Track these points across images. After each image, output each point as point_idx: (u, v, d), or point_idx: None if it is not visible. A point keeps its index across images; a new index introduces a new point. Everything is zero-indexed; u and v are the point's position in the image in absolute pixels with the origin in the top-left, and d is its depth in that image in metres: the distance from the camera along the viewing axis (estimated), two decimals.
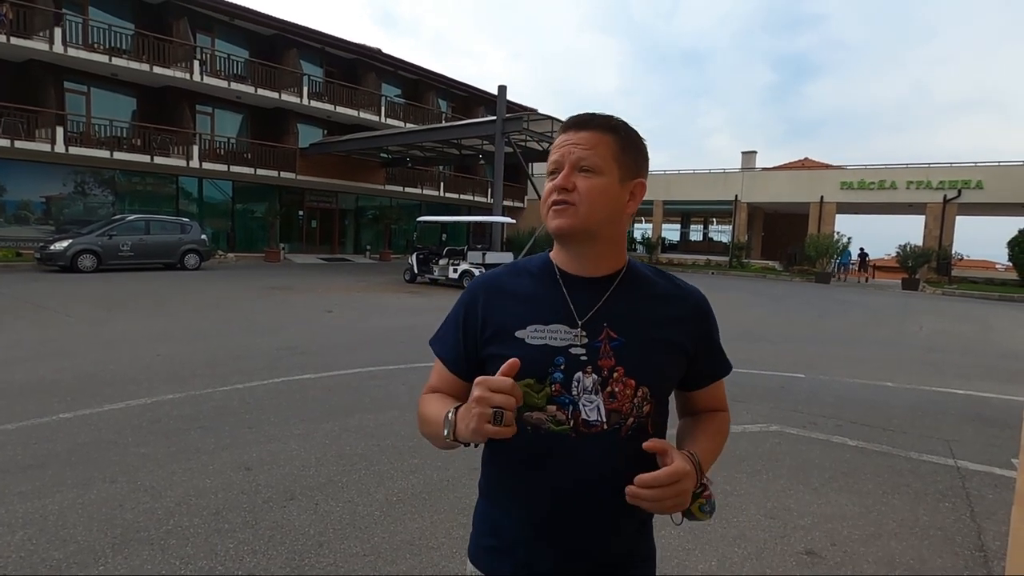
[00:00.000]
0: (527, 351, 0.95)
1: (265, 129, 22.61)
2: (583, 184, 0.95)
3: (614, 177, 0.97)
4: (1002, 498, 3.30)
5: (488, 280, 1.06)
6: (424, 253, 16.21)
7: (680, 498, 0.88)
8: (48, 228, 17.70)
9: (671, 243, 33.73)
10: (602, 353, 0.95)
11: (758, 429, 4.36)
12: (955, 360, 7.82)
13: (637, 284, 1.02)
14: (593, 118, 0.99)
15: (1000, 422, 4.80)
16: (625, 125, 1.00)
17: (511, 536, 1.00)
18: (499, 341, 0.98)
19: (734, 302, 13.84)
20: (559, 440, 0.94)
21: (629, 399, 0.95)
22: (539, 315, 0.98)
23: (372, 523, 2.77)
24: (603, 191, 0.95)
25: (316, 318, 8.99)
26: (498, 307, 1.01)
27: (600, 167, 0.95)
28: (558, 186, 0.96)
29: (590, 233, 0.97)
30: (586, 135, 0.97)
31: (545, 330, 0.96)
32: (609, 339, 0.96)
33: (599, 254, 1.00)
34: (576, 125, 0.98)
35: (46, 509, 2.73)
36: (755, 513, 3.03)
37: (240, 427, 3.95)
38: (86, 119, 18.47)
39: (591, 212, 0.95)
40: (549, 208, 0.97)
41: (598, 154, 0.96)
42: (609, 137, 0.97)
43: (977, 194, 23.10)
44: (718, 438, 1.06)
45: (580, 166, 0.95)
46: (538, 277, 1.03)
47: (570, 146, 0.96)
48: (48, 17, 16.46)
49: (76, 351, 6.00)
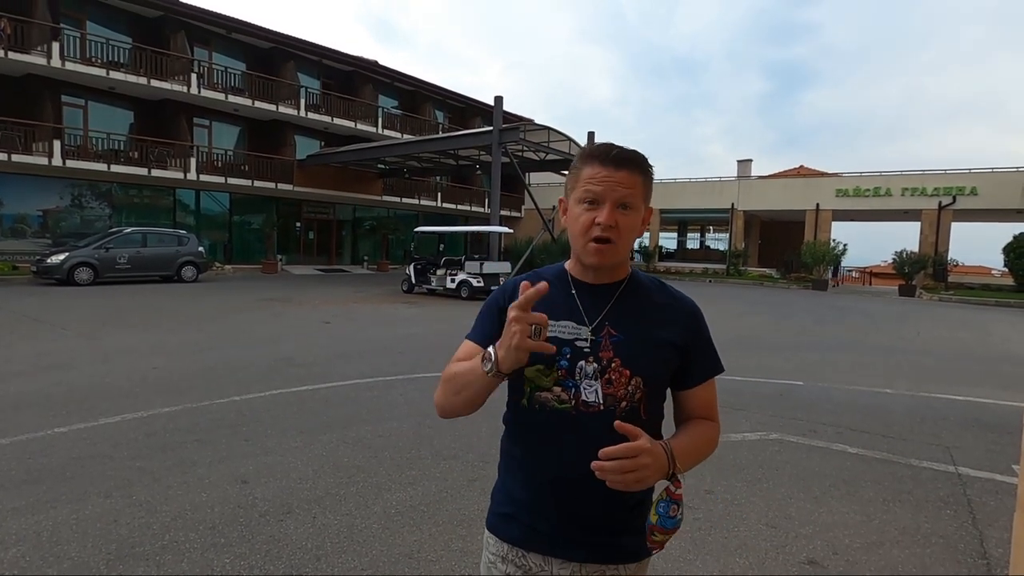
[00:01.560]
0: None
1: (262, 141, 22.67)
2: (623, 222, 1.07)
3: (641, 211, 1.11)
4: (1004, 504, 3.28)
5: (513, 282, 1.18)
6: (422, 263, 16.22)
7: (640, 473, 0.96)
8: (45, 241, 17.66)
9: (668, 251, 33.79)
10: (603, 346, 1.09)
11: (758, 437, 4.34)
12: (953, 366, 7.82)
13: (638, 291, 1.15)
14: (631, 158, 1.09)
15: (1000, 428, 4.79)
16: (647, 161, 1.12)
17: (520, 502, 1.14)
18: None
19: (732, 310, 13.84)
20: (562, 417, 1.08)
21: (624, 386, 1.08)
22: (553, 314, 1.09)
23: (370, 536, 2.74)
24: (635, 227, 1.10)
25: (314, 329, 8.96)
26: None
27: (635, 205, 1.09)
28: (604, 224, 1.06)
29: (620, 262, 1.13)
30: (626, 175, 1.07)
31: (556, 325, 1.09)
32: (610, 335, 1.10)
33: (613, 270, 1.14)
34: (616, 163, 1.07)
35: (40, 525, 2.70)
36: (756, 522, 3.01)
37: (237, 440, 3.92)
38: (83, 132, 18.50)
39: (627, 247, 1.12)
40: (589, 241, 1.08)
41: (636, 194, 1.08)
42: (641, 177, 1.10)
43: (972, 200, 23.22)
44: (700, 441, 1.15)
45: (621, 203, 1.07)
46: (554, 283, 1.13)
47: (613, 184, 1.06)
48: (46, 32, 16.53)
49: (72, 364, 5.97)
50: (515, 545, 1.14)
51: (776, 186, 28.58)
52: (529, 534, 1.13)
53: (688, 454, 1.09)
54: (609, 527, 1.11)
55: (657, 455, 0.99)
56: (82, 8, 18.40)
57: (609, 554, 1.11)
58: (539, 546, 1.12)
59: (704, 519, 3.02)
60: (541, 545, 1.12)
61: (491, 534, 1.19)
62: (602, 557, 1.11)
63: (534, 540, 1.12)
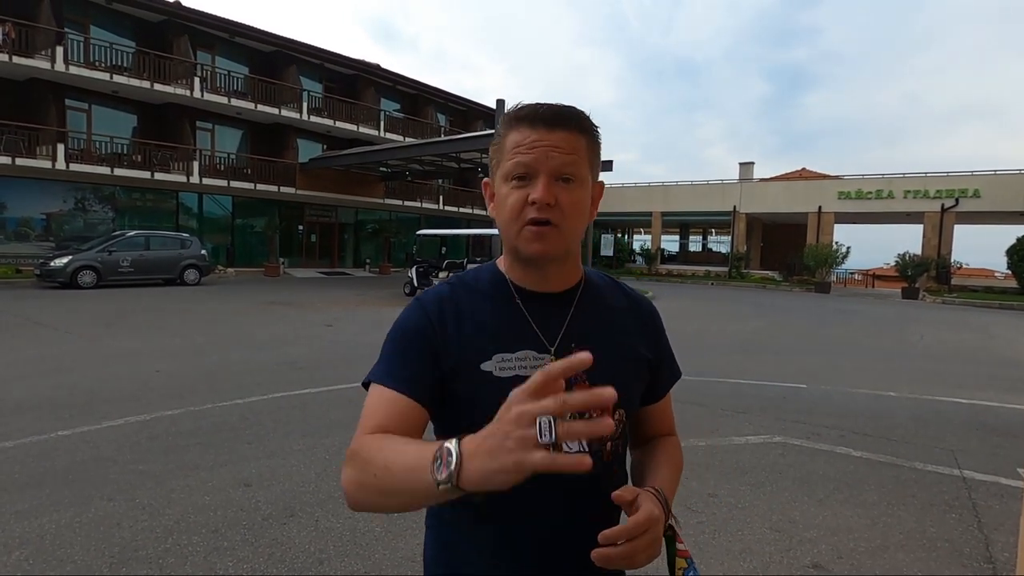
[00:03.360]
0: (497, 386, 0.80)
1: (265, 144, 22.73)
2: (565, 198, 0.81)
3: (587, 185, 0.85)
4: (1009, 508, 3.26)
5: (441, 297, 0.89)
6: (424, 266, 16.23)
7: (654, 547, 0.77)
8: (48, 245, 17.70)
9: (670, 254, 33.78)
10: (575, 378, 0.82)
11: (761, 440, 4.33)
12: (957, 369, 7.79)
13: (596, 297, 0.93)
14: (567, 114, 0.83)
15: (1004, 431, 4.77)
16: (590, 120, 0.86)
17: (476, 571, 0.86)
18: (463, 377, 0.84)
19: (735, 313, 13.82)
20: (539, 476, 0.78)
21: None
22: (503, 343, 0.85)
23: (373, 539, 2.73)
24: (583, 204, 0.85)
25: (316, 333, 8.96)
26: (456, 331, 0.86)
27: (579, 175, 0.83)
28: (540, 200, 0.80)
29: (569, 253, 0.87)
30: (564, 136, 0.81)
31: (513, 359, 0.84)
32: None
33: (564, 270, 0.90)
34: (548, 122, 0.81)
35: (43, 528, 2.70)
36: (760, 526, 2.99)
37: (239, 443, 3.92)
38: (87, 136, 18.57)
39: (574, 231, 0.84)
40: (524, 226, 0.82)
41: (578, 160, 0.83)
42: (584, 139, 0.84)
43: (975, 203, 23.17)
44: (676, 470, 0.96)
45: (561, 175, 0.81)
46: (492, 296, 0.89)
47: (546, 148, 0.80)
48: (50, 36, 16.62)
49: (75, 368, 5.98)
50: None
51: (778, 189, 28.56)
52: None
53: (673, 493, 0.91)
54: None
55: (661, 517, 0.79)
56: (86, 13, 18.49)
57: None
58: None
59: (708, 523, 3.00)
60: None
61: None
62: None
63: None
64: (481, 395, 0.82)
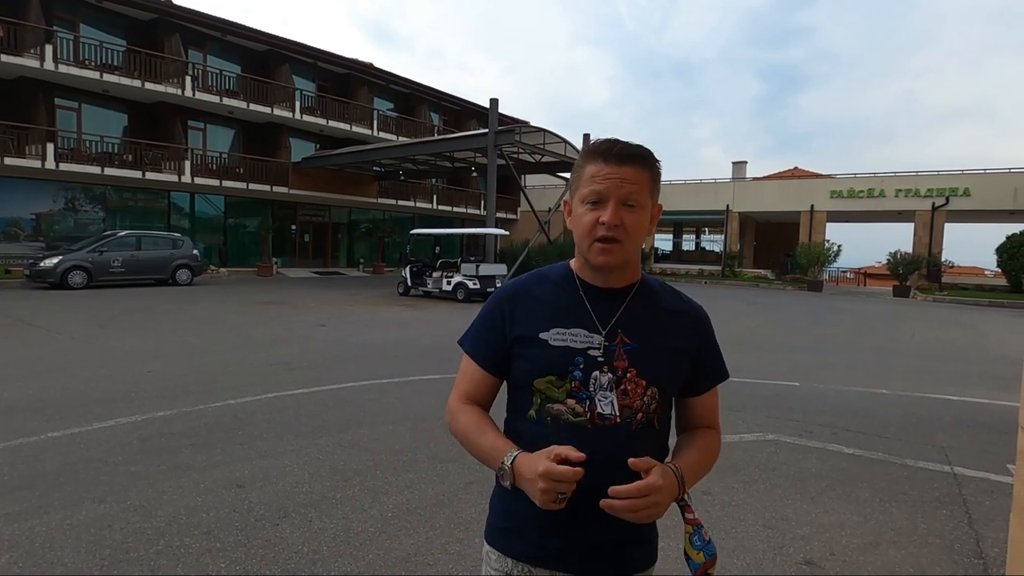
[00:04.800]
0: (549, 351, 1.06)
1: (257, 144, 22.62)
2: (629, 220, 1.02)
3: (648, 209, 1.06)
4: (999, 504, 3.29)
5: (517, 285, 1.15)
6: (418, 266, 16.19)
7: (652, 510, 0.96)
8: (38, 245, 17.57)
9: (664, 253, 33.86)
10: (617, 356, 1.05)
11: (754, 438, 4.35)
12: (948, 366, 7.85)
13: (649, 296, 1.12)
14: (634, 153, 1.03)
15: (995, 428, 4.81)
16: (654, 156, 1.07)
17: (525, 516, 1.07)
18: (524, 341, 1.08)
19: (728, 312, 13.87)
20: (576, 430, 1.04)
21: (640, 397, 1.05)
22: (562, 320, 1.07)
23: (367, 540, 2.72)
24: (643, 224, 1.05)
25: (309, 332, 8.93)
26: (525, 310, 1.10)
27: (641, 202, 1.03)
28: (609, 223, 1.01)
29: (628, 263, 1.08)
30: (630, 171, 1.02)
31: (567, 333, 1.06)
32: (623, 344, 1.06)
33: (624, 273, 1.10)
34: (619, 158, 1.02)
35: (33, 531, 2.67)
36: (753, 523, 3.01)
37: (232, 444, 3.90)
38: (77, 135, 18.42)
39: (634, 246, 1.06)
40: (594, 241, 1.04)
41: (641, 190, 1.03)
42: (648, 173, 1.04)
43: (965, 201, 23.37)
44: (706, 454, 1.13)
45: (627, 201, 1.02)
46: (561, 286, 1.11)
47: (617, 181, 1.01)
48: (39, 34, 16.47)
49: (66, 369, 5.93)
50: (520, 560, 1.09)
51: (771, 188, 28.69)
52: (536, 550, 1.08)
53: (696, 472, 1.08)
54: (619, 539, 1.08)
55: (668, 484, 0.98)
56: (75, 11, 18.33)
57: (619, 566, 1.09)
58: (547, 562, 1.08)
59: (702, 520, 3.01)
60: (549, 561, 1.07)
61: (492, 548, 1.13)
62: (612, 570, 1.08)
63: (541, 556, 1.08)
64: (536, 355, 1.07)
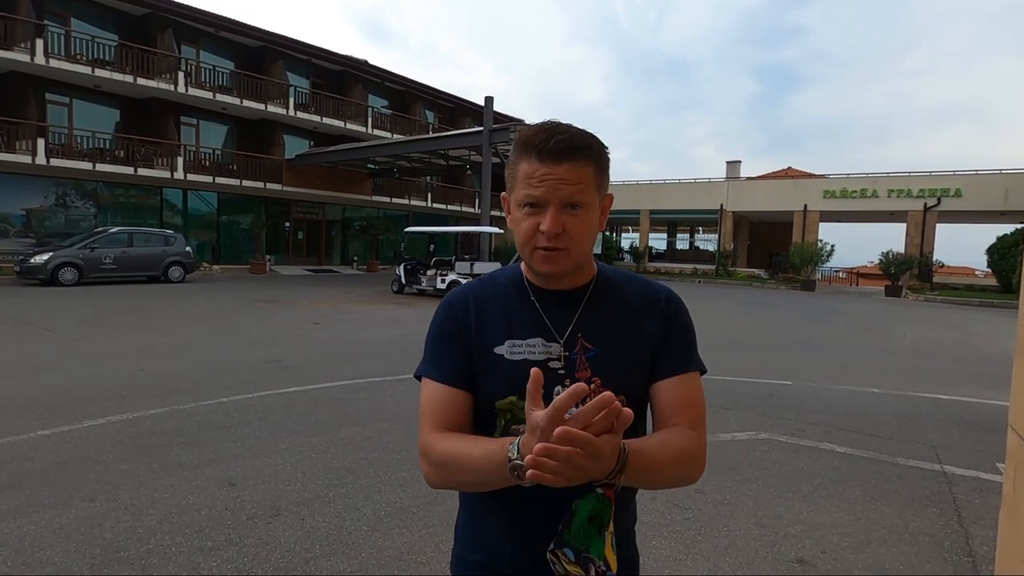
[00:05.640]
0: (507, 368, 0.94)
1: (251, 140, 22.50)
2: (573, 224, 0.90)
3: (595, 205, 0.94)
4: (989, 502, 3.32)
5: (465, 293, 1.03)
6: (412, 264, 16.18)
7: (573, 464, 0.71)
8: (29, 241, 17.42)
9: (658, 252, 33.95)
10: (579, 365, 0.94)
11: (747, 437, 4.37)
12: (939, 366, 7.91)
13: (608, 292, 1.01)
14: (575, 146, 0.89)
15: (985, 427, 4.85)
16: (599, 143, 0.93)
17: (495, 547, 0.99)
18: (479, 358, 0.96)
19: (721, 311, 13.92)
20: None
21: None
22: (515, 330, 0.96)
23: (360, 538, 2.72)
24: (590, 225, 0.93)
25: (302, 330, 8.90)
26: (476, 321, 0.98)
27: (586, 201, 0.91)
28: (549, 232, 0.89)
29: (578, 266, 0.96)
30: (570, 169, 0.89)
31: (523, 344, 0.95)
32: (584, 350, 0.95)
33: (576, 274, 0.98)
34: (555, 155, 0.88)
35: (22, 530, 2.65)
36: (746, 522, 3.02)
37: (224, 442, 3.88)
38: (68, 131, 18.28)
39: (582, 249, 0.93)
40: (535, 249, 0.92)
41: (585, 189, 0.90)
42: (592, 168, 0.91)
43: (956, 202, 23.55)
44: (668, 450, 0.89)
45: (569, 203, 0.90)
46: (511, 292, 1.00)
47: (554, 182, 0.88)
48: (30, 28, 16.31)
49: (56, 366, 5.88)
50: None
51: (765, 187, 28.82)
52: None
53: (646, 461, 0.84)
54: None
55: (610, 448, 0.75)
56: (67, 5, 18.17)
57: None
58: None
59: (694, 519, 3.03)
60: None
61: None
62: None
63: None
64: (492, 372, 0.95)
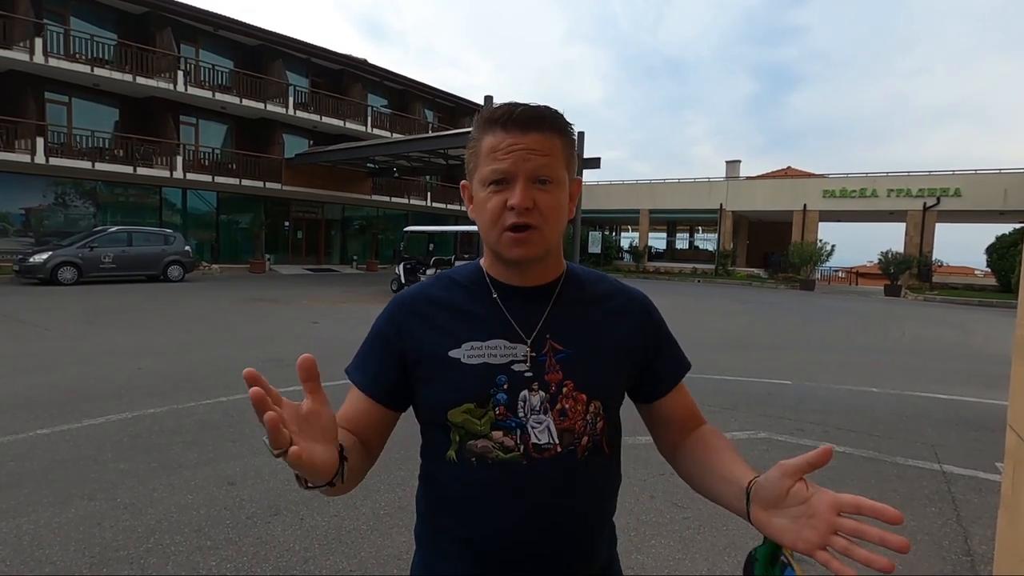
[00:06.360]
0: (464, 373, 0.84)
1: (250, 139, 22.49)
2: (544, 201, 0.81)
3: (565, 185, 0.85)
4: (987, 502, 3.32)
5: (414, 294, 0.92)
6: (411, 263, 16.18)
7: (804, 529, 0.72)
8: (28, 240, 17.41)
9: (657, 251, 33.95)
10: (548, 367, 0.85)
11: (746, 436, 4.37)
12: (938, 365, 7.91)
13: (578, 289, 0.92)
14: (541, 115, 0.82)
15: (983, 426, 4.85)
16: (564, 119, 0.86)
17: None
18: (430, 363, 0.87)
19: (720, 310, 13.93)
20: (508, 469, 0.82)
21: (581, 416, 0.85)
22: (475, 332, 0.86)
23: (359, 537, 2.72)
24: (561, 204, 0.84)
25: (302, 330, 8.90)
26: (427, 324, 0.88)
27: (556, 177, 0.83)
28: (519, 206, 0.80)
29: (549, 252, 0.87)
30: (538, 139, 0.81)
31: (483, 347, 0.85)
32: (554, 351, 0.86)
33: (545, 267, 0.89)
34: (521, 124, 0.81)
35: (21, 529, 2.65)
36: (744, 521, 3.01)
37: (224, 441, 3.88)
38: (67, 130, 18.26)
39: (554, 232, 0.84)
40: (503, 231, 0.82)
41: (554, 162, 0.82)
42: (560, 140, 0.84)
43: (955, 201, 23.56)
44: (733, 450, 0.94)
45: (538, 177, 0.81)
46: (470, 290, 0.90)
47: (522, 152, 0.80)
48: (29, 27, 16.29)
49: (55, 366, 5.88)
50: None
51: (764, 187, 28.82)
52: None
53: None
54: None
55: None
56: (66, 4, 18.15)
57: None
58: None
59: (693, 518, 3.03)
60: None
61: None
62: None
63: None
64: (448, 379, 0.85)
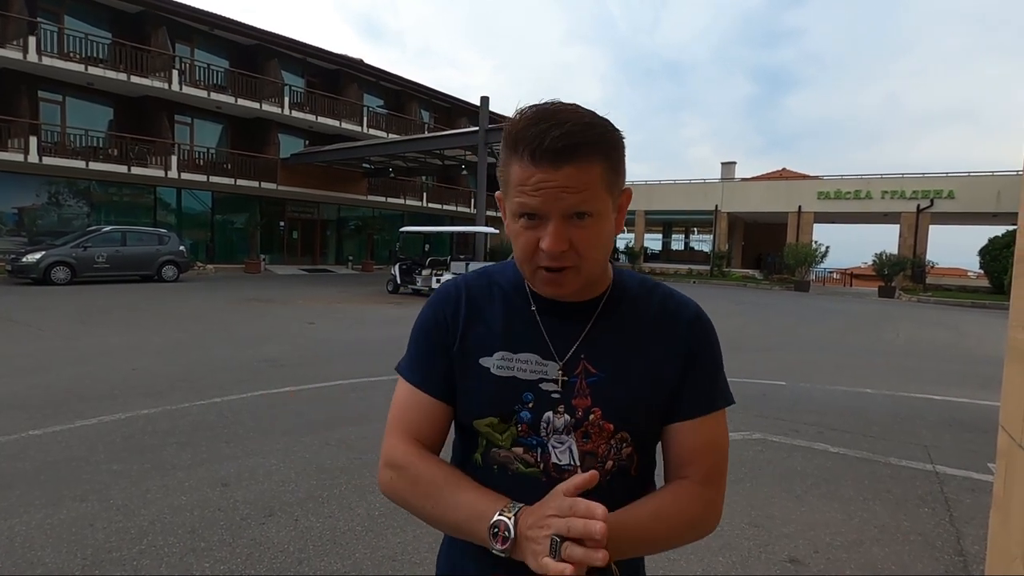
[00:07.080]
0: (490, 384, 0.81)
1: (245, 139, 22.42)
2: (581, 238, 0.74)
3: (608, 207, 0.76)
4: (980, 502, 3.34)
5: (457, 289, 0.88)
6: (407, 264, 16.16)
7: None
8: (21, 240, 17.30)
9: (653, 252, 34.01)
10: (577, 390, 0.80)
11: (741, 437, 4.38)
12: (931, 366, 7.95)
13: (623, 307, 0.85)
14: (576, 143, 0.71)
15: (976, 427, 4.87)
16: (610, 132, 0.75)
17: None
18: (462, 368, 0.84)
19: (716, 311, 13.94)
20: (528, 483, 0.80)
21: (606, 440, 0.81)
22: (509, 343, 0.82)
23: (353, 539, 2.71)
24: (604, 232, 0.76)
25: (297, 330, 8.87)
26: (466, 324, 0.85)
27: (597, 209, 0.74)
28: (550, 252, 0.73)
29: (589, 283, 0.81)
30: (573, 173, 0.71)
31: (514, 359, 0.81)
32: (587, 374, 0.81)
33: (587, 285, 0.82)
34: (553, 158, 0.70)
35: (12, 530, 2.63)
36: (739, 522, 3.03)
37: (217, 442, 3.86)
38: (61, 129, 18.17)
39: (594, 264, 0.77)
40: (535, 270, 0.77)
41: (594, 194, 0.73)
42: (599, 164, 0.73)
43: (949, 203, 23.69)
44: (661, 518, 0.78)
45: (575, 212, 0.73)
46: (510, 297, 0.85)
47: (554, 191, 0.71)
48: (23, 26, 16.20)
49: (48, 366, 5.84)
50: None
51: (759, 188, 28.91)
52: None
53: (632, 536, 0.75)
54: None
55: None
56: (60, 2, 18.07)
57: None
58: None
59: None
60: None
61: None
62: None
63: None
64: (475, 388, 0.83)
